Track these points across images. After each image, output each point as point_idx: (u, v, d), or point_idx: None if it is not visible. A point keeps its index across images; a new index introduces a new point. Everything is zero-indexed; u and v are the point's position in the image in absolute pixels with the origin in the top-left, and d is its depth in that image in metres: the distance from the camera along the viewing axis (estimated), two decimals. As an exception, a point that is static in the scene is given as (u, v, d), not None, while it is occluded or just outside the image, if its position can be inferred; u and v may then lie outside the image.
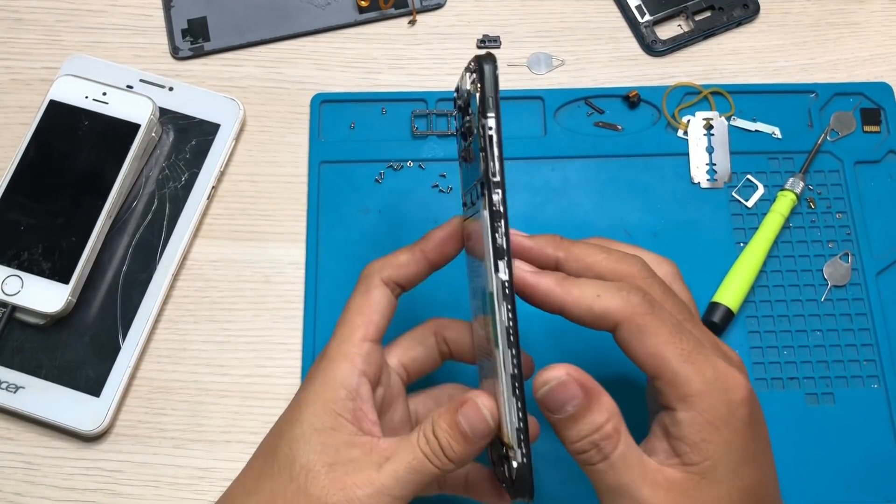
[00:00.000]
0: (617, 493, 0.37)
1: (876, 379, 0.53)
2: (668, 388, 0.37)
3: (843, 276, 0.56)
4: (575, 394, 0.37)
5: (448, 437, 0.38)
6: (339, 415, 0.39)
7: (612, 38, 0.63)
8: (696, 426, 0.37)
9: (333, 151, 0.59)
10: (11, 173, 0.55)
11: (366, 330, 0.41)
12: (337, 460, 0.38)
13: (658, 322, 0.38)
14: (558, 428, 0.38)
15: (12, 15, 0.63)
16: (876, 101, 0.60)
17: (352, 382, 0.40)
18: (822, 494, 0.50)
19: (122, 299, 0.55)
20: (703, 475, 0.37)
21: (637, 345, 0.38)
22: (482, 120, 0.36)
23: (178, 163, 0.58)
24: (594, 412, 0.37)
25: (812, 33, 0.63)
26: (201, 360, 0.55)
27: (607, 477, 0.37)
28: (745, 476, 0.37)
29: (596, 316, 0.38)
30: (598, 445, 0.37)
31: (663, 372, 0.37)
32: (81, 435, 0.52)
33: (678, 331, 0.38)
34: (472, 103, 0.38)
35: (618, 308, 0.38)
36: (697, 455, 0.37)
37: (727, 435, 0.37)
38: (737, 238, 0.56)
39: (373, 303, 0.41)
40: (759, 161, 0.58)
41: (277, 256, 0.57)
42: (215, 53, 0.62)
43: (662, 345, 0.37)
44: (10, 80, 0.60)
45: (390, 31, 0.63)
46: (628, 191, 0.58)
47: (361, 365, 0.40)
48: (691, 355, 0.37)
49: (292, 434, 0.39)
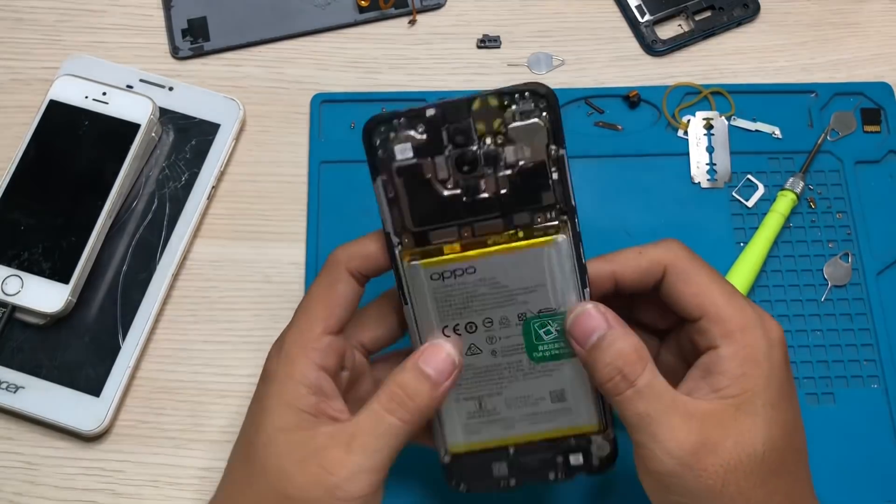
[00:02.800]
0: (645, 423, 0.37)
1: (876, 379, 0.53)
2: (712, 325, 0.39)
3: (843, 276, 0.55)
4: (599, 323, 0.39)
5: (413, 384, 0.39)
6: (303, 411, 0.39)
7: (612, 38, 0.63)
8: (737, 360, 0.38)
9: (334, 151, 0.59)
10: (11, 173, 0.55)
11: (326, 323, 0.40)
12: (307, 455, 0.38)
13: (700, 266, 0.40)
14: (587, 363, 0.40)
15: (12, 14, 0.63)
16: (876, 100, 0.60)
17: (311, 379, 0.40)
18: (823, 494, 0.50)
19: (122, 299, 0.55)
20: (739, 406, 0.37)
21: (683, 286, 0.40)
22: (559, 151, 0.38)
23: (179, 163, 0.58)
24: (619, 340, 0.39)
25: (812, 33, 0.63)
26: (202, 360, 0.55)
27: (634, 405, 0.38)
28: (782, 410, 0.38)
29: (643, 269, 0.41)
30: (622, 372, 0.38)
31: (708, 309, 0.39)
32: (82, 435, 0.52)
33: (719, 276, 0.40)
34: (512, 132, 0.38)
35: (662, 255, 0.41)
36: (736, 387, 0.38)
37: (767, 369, 0.38)
38: (737, 238, 0.56)
39: (337, 295, 0.41)
40: (760, 161, 0.58)
41: (278, 256, 0.57)
42: (215, 53, 0.62)
43: (707, 285, 0.40)
44: (10, 80, 0.60)
45: (391, 31, 0.63)
46: (629, 191, 0.58)
47: (321, 360, 0.40)
48: (733, 296, 0.40)
49: (259, 440, 0.39)
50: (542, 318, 0.41)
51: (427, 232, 0.40)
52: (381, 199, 0.39)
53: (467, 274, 0.40)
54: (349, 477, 0.38)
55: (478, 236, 0.39)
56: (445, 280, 0.40)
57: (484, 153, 0.38)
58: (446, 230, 0.39)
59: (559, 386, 0.42)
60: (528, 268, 0.40)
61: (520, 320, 0.41)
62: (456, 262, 0.40)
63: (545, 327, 0.41)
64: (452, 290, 0.40)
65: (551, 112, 0.38)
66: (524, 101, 0.38)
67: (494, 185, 0.39)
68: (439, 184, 0.39)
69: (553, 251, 0.39)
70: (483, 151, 0.38)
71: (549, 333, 0.41)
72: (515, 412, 0.42)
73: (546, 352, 0.41)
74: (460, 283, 0.40)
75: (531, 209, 0.39)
